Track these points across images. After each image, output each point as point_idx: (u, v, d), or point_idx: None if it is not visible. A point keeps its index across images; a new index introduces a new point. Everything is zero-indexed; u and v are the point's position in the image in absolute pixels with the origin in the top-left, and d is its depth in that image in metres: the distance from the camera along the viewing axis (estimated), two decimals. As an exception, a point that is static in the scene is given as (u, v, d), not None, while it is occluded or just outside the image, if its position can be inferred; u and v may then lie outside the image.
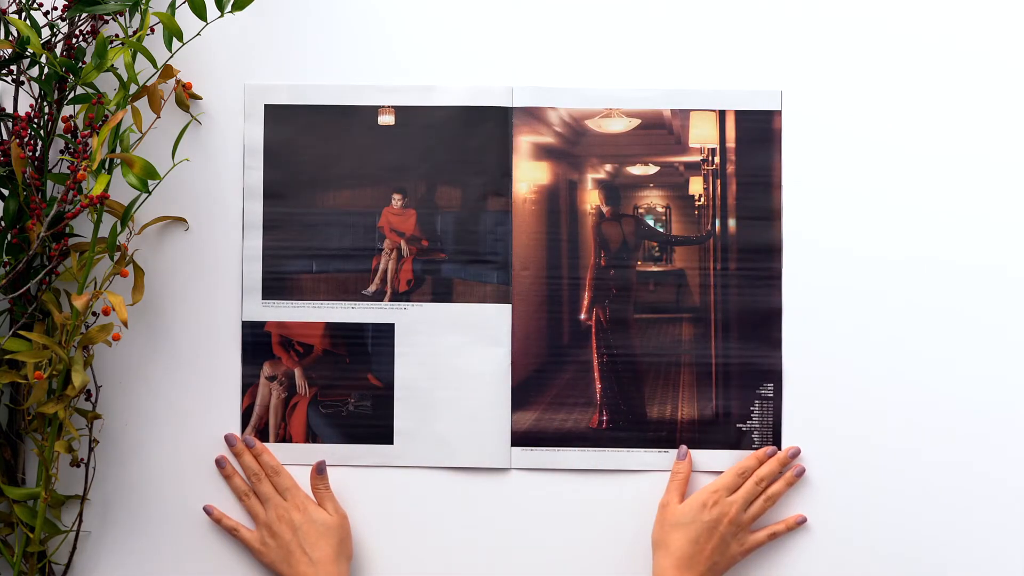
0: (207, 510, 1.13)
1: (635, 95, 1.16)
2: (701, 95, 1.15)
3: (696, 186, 1.16)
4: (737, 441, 1.14)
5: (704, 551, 1.08)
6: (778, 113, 1.15)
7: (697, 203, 1.16)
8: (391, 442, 1.15)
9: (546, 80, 1.15)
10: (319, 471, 1.12)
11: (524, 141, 1.16)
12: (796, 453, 1.13)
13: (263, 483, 1.12)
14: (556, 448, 1.15)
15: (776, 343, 1.14)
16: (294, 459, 1.14)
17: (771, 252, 1.15)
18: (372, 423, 1.15)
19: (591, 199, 1.16)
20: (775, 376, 1.14)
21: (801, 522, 1.12)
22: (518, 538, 1.14)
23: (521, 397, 1.15)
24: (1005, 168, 1.14)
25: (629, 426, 1.15)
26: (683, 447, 1.14)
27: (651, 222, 1.16)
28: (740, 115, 1.15)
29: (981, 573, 1.12)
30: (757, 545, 1.11)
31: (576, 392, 1.15)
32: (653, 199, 1.16)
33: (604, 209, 1.16)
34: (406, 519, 1.14)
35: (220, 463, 1.13)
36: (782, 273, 1.14)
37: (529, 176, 1.16)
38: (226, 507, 1.13)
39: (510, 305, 1.15)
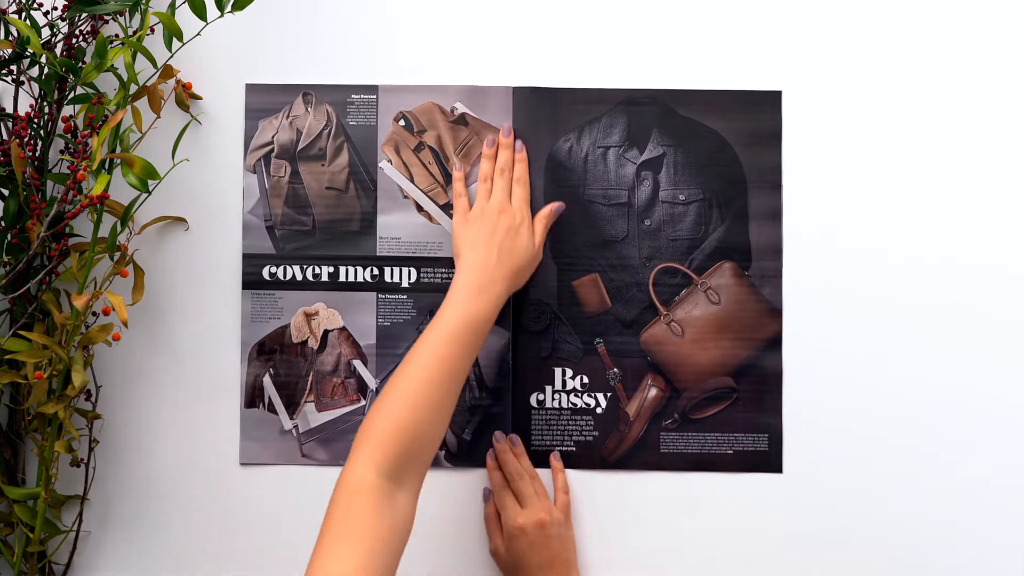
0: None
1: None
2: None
3: (696, 186, 1.16)
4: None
5: (558, 558, 1.07)
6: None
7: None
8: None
9: (546, 80, 1.15)
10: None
11: (524, 141, 1.16)
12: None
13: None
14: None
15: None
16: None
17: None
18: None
19: (591, 199, 1.16)
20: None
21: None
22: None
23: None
24: (1005, 168, 1.14)
25: (629, 426, 1.15)
26: (486, 488, 1.12)
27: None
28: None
29: (983, 571, 1.12)
30: None
31: (576, 392, 1.16)
32: (653, 199, 1.17)
33: (604, 209, 1.16)
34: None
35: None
36: (782, 273, 1.14)
37: (529, 176, 1.16)
38: (226, 509, 1.13)
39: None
